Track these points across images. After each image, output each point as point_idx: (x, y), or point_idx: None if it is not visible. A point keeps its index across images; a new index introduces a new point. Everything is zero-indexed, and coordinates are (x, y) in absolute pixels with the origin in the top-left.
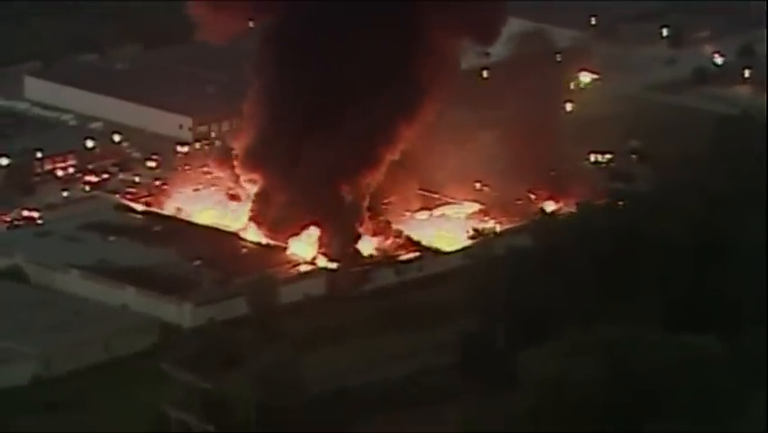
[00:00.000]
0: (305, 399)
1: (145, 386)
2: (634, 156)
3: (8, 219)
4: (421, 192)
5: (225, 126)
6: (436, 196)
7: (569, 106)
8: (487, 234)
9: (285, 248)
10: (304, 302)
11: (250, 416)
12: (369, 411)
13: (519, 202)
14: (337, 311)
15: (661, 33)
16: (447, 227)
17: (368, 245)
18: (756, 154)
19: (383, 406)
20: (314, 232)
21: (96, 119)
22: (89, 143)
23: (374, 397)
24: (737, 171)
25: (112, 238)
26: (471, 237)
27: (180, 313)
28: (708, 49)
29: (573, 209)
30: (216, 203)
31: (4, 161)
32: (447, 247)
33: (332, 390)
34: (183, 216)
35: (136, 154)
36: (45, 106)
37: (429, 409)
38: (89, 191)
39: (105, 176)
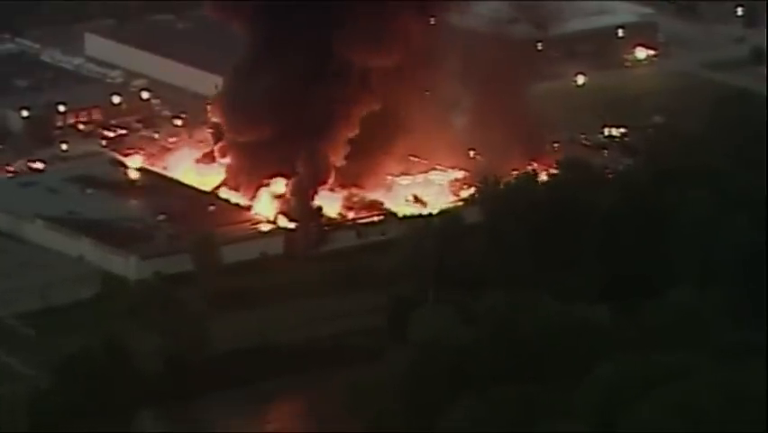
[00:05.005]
0: (207, 354)
1: (64, 335)
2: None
3: (12, 170)
4: (411, 157)
5: None
6: (425, 162)
7: (580, 79)
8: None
9: (250, 207)
10: (258, 261)
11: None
12: (273, 369)
13: (515, 172)
14: (288, 270)
15: (736, 12)
16: (427, 193)
17: (333, 206)
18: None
19: (294, 364)
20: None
21: (142, 76)
22: (115, 99)
23: (288, 355)
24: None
25: (89, 191)
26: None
27: (127, 266)
28: None
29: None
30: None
31: (25, 113)
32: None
33: (246, 347)
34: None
35: (166, 112)
36: (99, 63)
37: (338, 369)
38: (105, 146)
39: (124, 132)
